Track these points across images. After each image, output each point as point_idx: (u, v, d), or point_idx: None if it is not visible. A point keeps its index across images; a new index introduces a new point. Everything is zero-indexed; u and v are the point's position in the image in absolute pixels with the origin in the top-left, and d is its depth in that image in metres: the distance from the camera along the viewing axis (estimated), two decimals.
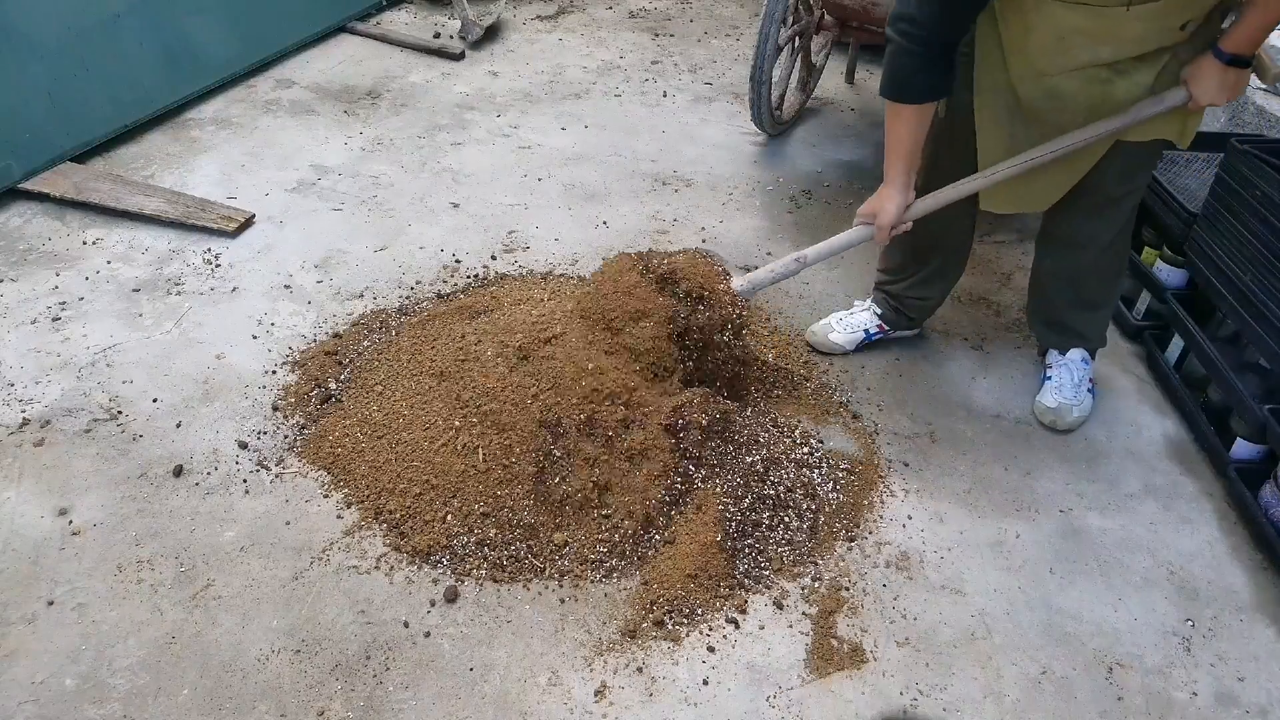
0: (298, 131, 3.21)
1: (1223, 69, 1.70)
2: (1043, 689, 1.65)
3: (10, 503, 1.82)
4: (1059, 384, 2.21)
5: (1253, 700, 1.66)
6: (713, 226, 2.85)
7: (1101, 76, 1.73)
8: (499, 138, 3.30)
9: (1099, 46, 1.68)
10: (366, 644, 1.62)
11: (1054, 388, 2.21)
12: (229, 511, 1.84)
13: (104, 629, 1.61)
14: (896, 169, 1.85)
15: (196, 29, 3.20)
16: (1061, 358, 2.24)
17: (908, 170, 1.86)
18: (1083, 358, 2.24)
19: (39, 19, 2.66)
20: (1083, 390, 2.22)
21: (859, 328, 2.35)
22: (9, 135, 2.63)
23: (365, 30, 3.94)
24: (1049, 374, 2.25)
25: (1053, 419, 2.18)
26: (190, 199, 2.73)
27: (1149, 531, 1.98)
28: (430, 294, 2.48)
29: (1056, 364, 2.25)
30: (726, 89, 3.76)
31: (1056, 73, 1.74)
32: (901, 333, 2.40)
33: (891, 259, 2.30)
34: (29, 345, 2.20)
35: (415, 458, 1.85)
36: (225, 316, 2.35)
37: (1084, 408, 2.21)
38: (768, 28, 2.90)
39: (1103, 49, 1.69)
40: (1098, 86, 1.74)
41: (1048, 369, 2.27)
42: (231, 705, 1.51)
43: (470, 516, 1.77)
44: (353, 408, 2.02)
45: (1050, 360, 2.27)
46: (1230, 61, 1.69)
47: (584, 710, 1.55)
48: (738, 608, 1.72)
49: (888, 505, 1.97)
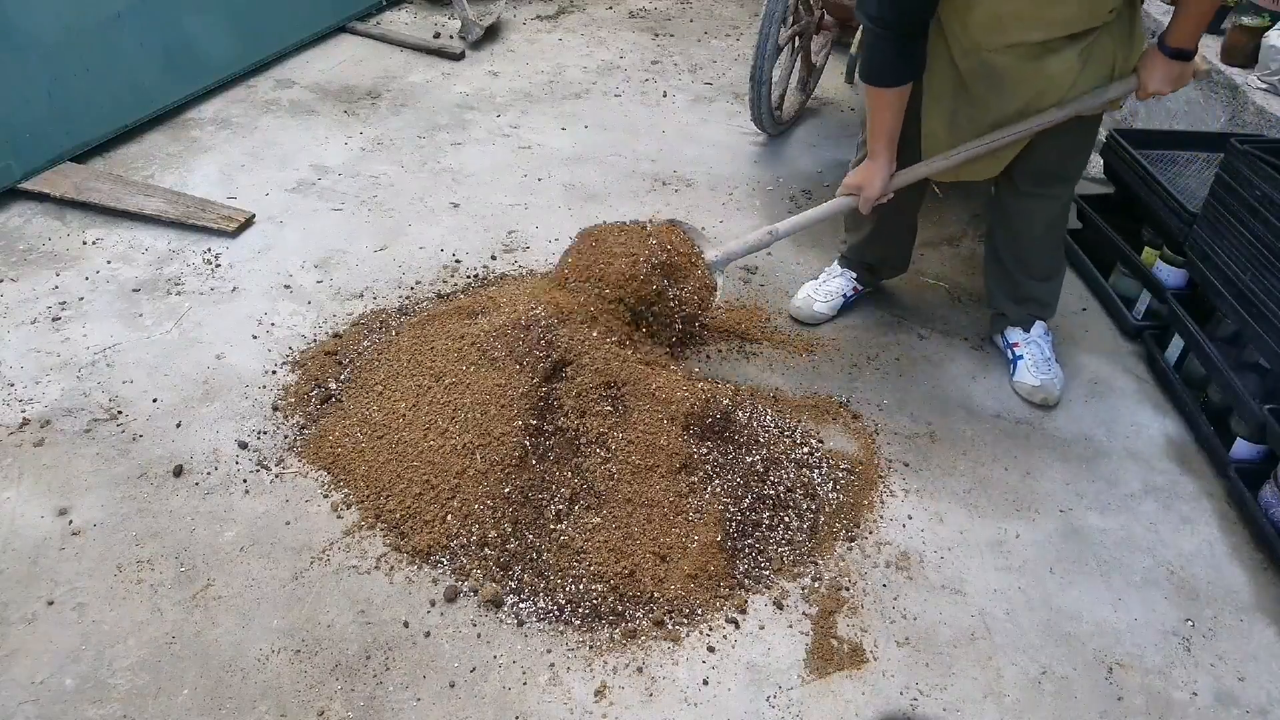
0: (298, 131, 3.21)
1: (1167, 62, 1.88)
2: (1043, 689, 1.65)
3: (10, 503, 1.82)
4: (1033, 361, 2.27)
5: (1253, 700, 1.66)
6: (713, 226, 2.85)
7: (1034, 53, 1.85)
8: (499, 138, 3.30)
9: (1031, 28, 1.81)
10: (366, 644, 1.62)
11: (1029, 366, 2.27)
12: (229, 511, 1.84)
13: (104, 629, 1.61)
14: (880, 145, 1.99)
15: (196, 29, 3.20)
16: (1027, 334, 2.31)
17: (890, 145, 2.00)
18: (1043, 331, 2.32)
19: (39, 19, 2.66)
20: (1053, 362, 2.29)
21: (837, 294, 2.47)
22: (9, 135, 2.63)
23: (365, 30, 3.94)
24: (1019, 353, 2.30)
25: (1043, 396, 2.23)
26: (190, 199, 2.73)
27: (1149, 531, 1.98)
28: (430, 294, 2.47)
29: (1025, 342, 2.31)
30: (726, 89, 3.76)
31: (991, 49, 1.86)
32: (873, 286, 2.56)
33: (850, 229, 2.47)
34: (29, 345, 2.20)
35: (415, 458, 1.85)
36: (225, 316, 2.35)
37: (1062, 378, 2.29)
38: (768, 28, 2.90)
39: (1034, 30, 1.81)
40: (1030, 63, 1.86)
41: (1014, 349, 2.32)
42: (231, 705, 1.51)
43: (470, 517, 1.77)
44: (353, 408, 2.02)
45: (1016, 339, 2.33)
46: (1174, 55, 1.87)
47: (584, 710, 1.55)
48: (738, 608, 1.72)
49: (888, 505, 1.97)
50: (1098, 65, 1.92)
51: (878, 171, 2.03)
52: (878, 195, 2.05)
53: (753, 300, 2.55)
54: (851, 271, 2.49)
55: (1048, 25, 1.80)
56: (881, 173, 2.03)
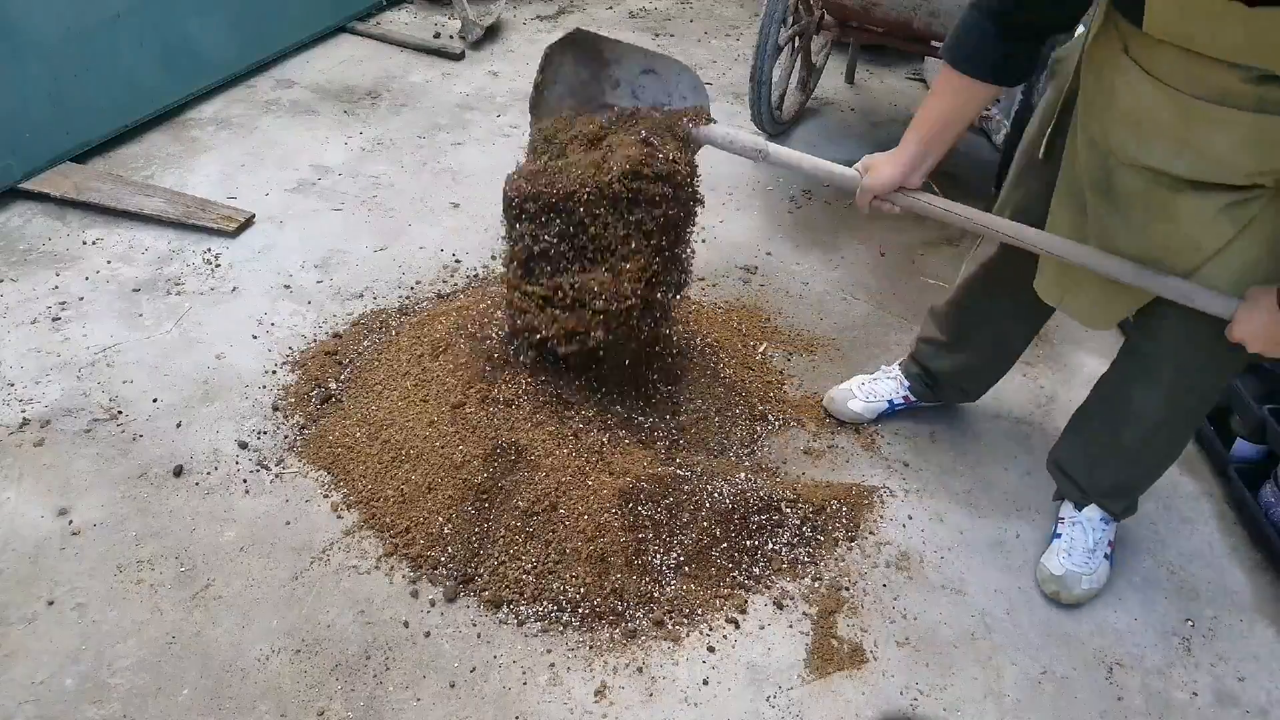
0: (298, 131, 3.21)
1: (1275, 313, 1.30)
2: (1043, 689, 1.65)
3: (10, 503, 1.82)
4: (1069, 545, 1.81)
5: (1253, 700, 1.66)
6: (713, 226, 2.85)
7: (1173, 185, 1.32)
8: (499, 138, 3.30)
9: (1174, 152, 1.28)
10: (366, 644, 1.62)
11: (1062, 549, 1.81)
12: (229, 511, 1.84)
13: (104, 629, 1.61)
14: (910, 137, 1.55)
15: (196, 29, 3.20)
16: (1076, 513, 1.84)
17: (922, 144, 1.53)
18: (1102, 517, 1.82)
19: (39, 19, 2.65)
20: (1097, 556, 1.80)
21: (882, 396, 2.12)
22: (9, 135, 2.63)
23: (365, 30, 3.94)
24: (1058, 530, 1.86)
25: (1055, 589, 1.78)
26: (190, 199, 2.73)
27: (1149, 531, 1.98)
28: (430, 294, 2.47)
29: (1069, 519, 1.84)
30: (726, 89, 3.76)
31: (1126, 161, 1.35)
32: (930, 404, 2.16)
33: (930, 329, 2.04)
34: (29, 345, 2.20)
35: (415, 458, 1.85)
36: (225, 316, 2.35)
37: (1096, 578, 1.80)
38: (768, 28, 2.90)
39: (1178, 158, 1.28)
40: (1164, 193, 1.34)
41: (1057, 524, 1.87)
42: (231, 705, 1.51)
43: (470, 517, 1.77)
44: (353, 408, 2.02)
45: (1062, 514, 1.87)
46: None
47: (584, 710, 1.55)
48: (738, 608, 1.72)
49: (888, 505, 1.97)
50: (1255, 244, 1.34)
51: (889, 162, 1.56)
52: (877, 190, 1.57)
53: (753, 300, 2.55)
54: (909, 381, 2.11)
55: (1196, 156, 1.26)
56: (892, 167, 1.56)
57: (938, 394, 2.10)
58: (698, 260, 2.68)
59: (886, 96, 3.78)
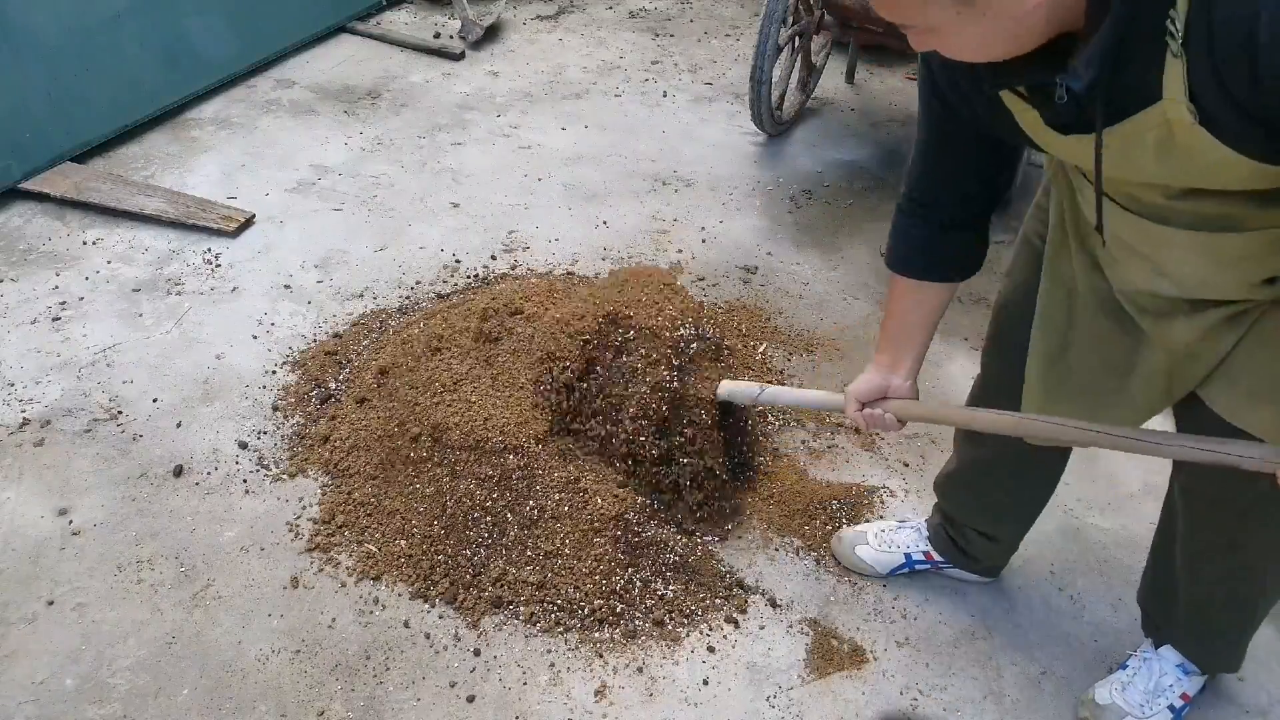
0: (298, 131, 3.21)
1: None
2: (1043, 689, 1.65)
3: (10, 503, 1.82)
4: (1129, 680, 1.57)
5: (1253, 700, 1.66)
6: (713, 226, 2.85)
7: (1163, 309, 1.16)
8: (499, 138, 3.30)
9: (1153, 273, 1.12)
10: (366, 644, 1.62)
11: (1119, 682, 1.58)
12: (229, 511, 1.84)
13: (104, 629, 1.61)
14: (882, 346, 1.41)
15: (196, 29, 3.20)
16: (1153, 651, 1.59)
17: (895, 350, 1.39)
18: (1179, 663, 1.56)
19: (39, 19, 2.66)
20: (1158, 704, 1.55)
21: (898, 548, 1.79)
22: (9, 135, 2.63)
23: (365, 30, 3.94)
24: (1126, 662, 1.62)
25: (1085, 715, 1.58)
26: (190, 199, 2.73)
27: (1149, 531, 1.97)
28: (430, 294, 2.47)
29: (1141, 654, 1.60)
30: (726, 89, 3.76)
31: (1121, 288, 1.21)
32: (959, 573, 1.79)
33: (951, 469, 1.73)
34: (29, 345, 2.20)
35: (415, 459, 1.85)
36: (225, 316, 2.35)
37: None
38: (768, 28, 2.90)
39: (1162, 280, 1.12)
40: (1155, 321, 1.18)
41: (1130, 656, 1.64)
42: (231, 705, 1.51)
43: (468, 518, 1.77)
44: (352, 407, 2.01)
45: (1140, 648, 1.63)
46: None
47: (584, 710, 1.55)
48: (738, 608, 1.72)
49: (888, 505, 1.97)
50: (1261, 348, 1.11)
51: (870, 371, 1.40)
52: (861, 395, 1.40)
53: (753, 300, 2.55)
54: (929, 531, 1.79)
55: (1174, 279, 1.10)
56: (873, 372, 1.40)
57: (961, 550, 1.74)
58: (698, 260, 2.70)
59: (886, 96, 3.78)
